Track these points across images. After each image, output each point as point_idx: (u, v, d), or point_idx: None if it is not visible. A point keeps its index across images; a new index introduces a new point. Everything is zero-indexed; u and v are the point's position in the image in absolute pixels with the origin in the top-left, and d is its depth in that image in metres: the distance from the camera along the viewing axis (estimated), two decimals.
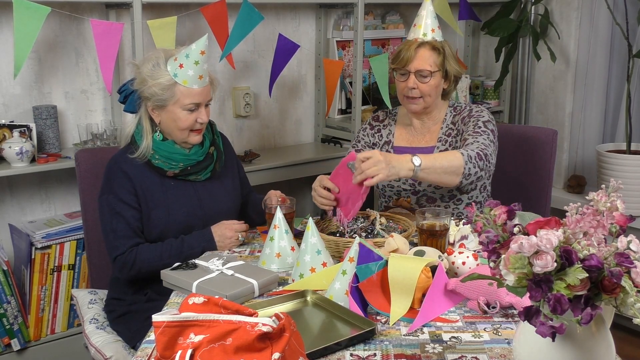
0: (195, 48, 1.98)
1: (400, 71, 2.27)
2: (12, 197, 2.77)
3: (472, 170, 2.05)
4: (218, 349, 1.07)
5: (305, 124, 3.56)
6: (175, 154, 2.05)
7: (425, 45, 2.25)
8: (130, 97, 2.08)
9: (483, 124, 2.22)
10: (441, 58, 2.25)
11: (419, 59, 2.23)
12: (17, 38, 2.31)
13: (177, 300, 1.68)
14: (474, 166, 2.05)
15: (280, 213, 1.86)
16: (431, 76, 2.23)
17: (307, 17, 3.42)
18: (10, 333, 2.59)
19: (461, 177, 2.04)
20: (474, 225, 1.17)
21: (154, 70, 1.99)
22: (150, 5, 2.81)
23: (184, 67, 1.97)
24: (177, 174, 2.07)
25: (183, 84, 1.98)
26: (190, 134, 2.05)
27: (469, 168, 2.04)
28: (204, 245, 2.00)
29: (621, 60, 3.57)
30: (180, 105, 2.00)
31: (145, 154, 2.03)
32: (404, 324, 1.50)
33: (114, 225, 2.00)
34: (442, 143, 2.31)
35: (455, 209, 2.31)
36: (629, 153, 3.36)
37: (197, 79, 1.99)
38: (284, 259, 1.83)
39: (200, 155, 2.09)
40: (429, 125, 2.36)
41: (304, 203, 3.60)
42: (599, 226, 1.08)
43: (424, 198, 2.31)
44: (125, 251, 1.98)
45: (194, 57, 1.97)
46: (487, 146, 2.14)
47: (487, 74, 4.18)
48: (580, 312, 1.02)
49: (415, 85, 2.24)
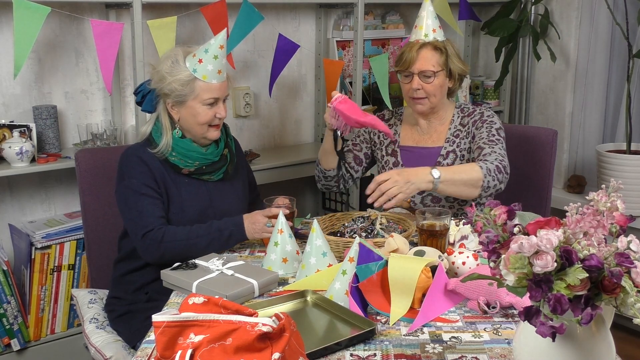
0: (215, 43, 1.99)
1: (404, 73, 2.29)
2: (12, 197, 2.76)
3: (491, 184, 2.07)
4: (218, 349, 1.07)
5: (305, 124, 3.56)
6: (192, 152, 2.06)
7: (427, 46, 2.26)
8: (148, 96, 2.09)
9: (497, 132, 2.24)
10: (444, 57, 2.26)
11: (421, 60, 2.24)
12: (17, 38, 2.32)
13: (177, 300, 1.68)
14: (492, 179, 2.07)
15: (283, 217, 1.86)
16: (435, 76, 2.25)
17: (307, 17, 3.42)
18: (10, 333, 2.59)
19: (480, 189, 2.06)
20: (474, 225, 1.17)
21: (173, 66, 2.01)
22: (150, 5, 2.81)
23: (203, 62, 1.99)
24: (191, 172, 2.08)
25: (202, 79, 2.00)
26: (210, 129, 2.06)
27: (487, 181, 2.06)
28: (232, 229, 1.96)
29: (621, 60, 3.57)
30: (200, 100, 2.01)
31: (164, 151, 2.04)
32: (404, 324, 1.50)
33: (140, 206, 1.97)
34: (449, 144, 2.32)
35: (459, 209, 2.31)
36: (629, 153, 3.35)
37: (216, 73, 2.00)
38: (290, 264, 1.83)
39: (215, 156, 2.11)
40: (435, 125, 2.36)
41: (304, 203, 3.61)
42: (599, 226, 1.08)
43: (429, 198, 2.32)
44: (154, 228, 1.94)
45: (213, 51, 1.99)
46: (504, 157, 2.16)
47: (487, 74, 4.18)
48: (580, 312, 1.02)
49: (420, 86, 2.25)
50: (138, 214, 1.97)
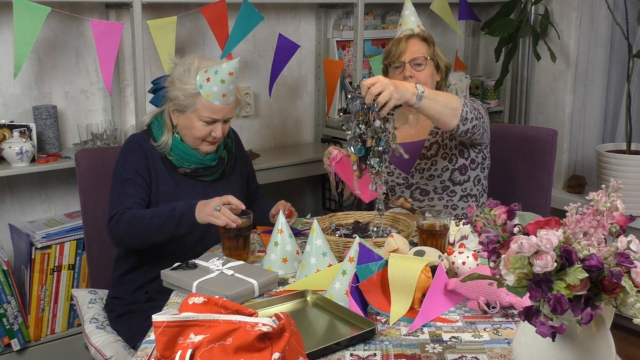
0: (226, 67, 2.00)
1: (395, 64, 2.32)
2: (12, 197, 2.77)
3: (469, 115, 2.08)
4: (218, 349, 1.07)
5: (305, 124, 3.56)
6: (190, 156, 2.08)
7: (415, 36, 2.33)
8: (160, 91, 2.12)
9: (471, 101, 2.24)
10: (432, 49, 2.33)
11: (411, 49, 2.30)
12: (17, 38, 2.32)
13: (177, 300, 1.68)
14: (470, 112, 2.09)
15: (283, 217, 1.86)
16: (425, 64, 2.29)
17: (307, 17, 3.43)
18: (10, 333, 2.59)
19: (459, 119, 2.06)
20: (474, 225, 1.17)
21: (184, 75, 2.03)
22: (150, 5, 2.81)
23: (210, 81, 2.00)
24: (187, 173, 2.11)
25: (205, 97, 2.01)
26: (203, 143, 2.08)
27: (466, 112, 2.07)
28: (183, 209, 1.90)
29: (621, 60, 3.57)
30: (198, 115, 2.03)
31: (163, 149, 2.07)
32: (404, 324, 1.50)
33: (122, 190, 2.01)
34: (432, 136, 2.34)
35: (449, 201, 2.31)
36: (629, 153, 3.35)
37: (220, 96, 2.02)
38: (290, 264, 1.83)
39: (213, 160, 2.13)
40: (422, 120, 2.39)
41: (304, 203, 3.61)
42: (599, 226, 1.08)
43: (418, 191, 2.33)
44: (125, 211, 1.96)
45: (221, 75, 2.00)
46: (479, 107, 2.18)
47: (487, 74, 4.18)
48: (580, 312, 1.02)
49: (412, 74, 2.28)
50: (118, 196, 2.01)
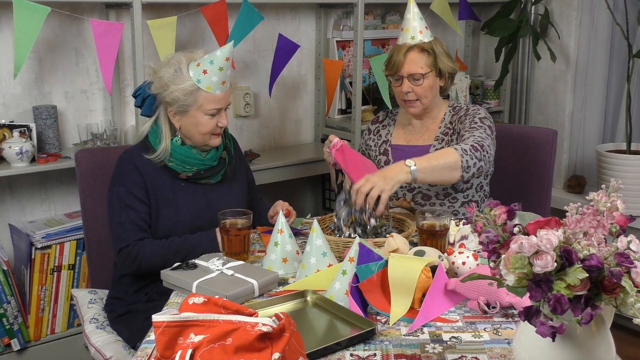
0: (220, 55, 1.98)
1: (394, 77, 2.31)
2: (12, 197, 2.76)
3: (470, 162, 2.05)
4: (218, 349, 1.07)
5: (305, 124, 3.56)
6: (191, 158, 2.06)
7: (413, 48, 2.27)
8: (148, 100, 2.08)
9: (479, 120, 2.24)
10: (432, 58, 2.28)
11: (409, 63, 2.26)
12: (17, 38, 2.31)
13: (177, 300, 1.68)
14: (471, 158, 2.05)
15: (283, 217, 1.86)
16: (424, 78, 2.26)
17: (307, 17, 3.42)
18: (10, 333, 2.59)
19: (461, 171, 2.04)
20: (474, 225, 1.17)
21: (176, 75, 1.99)
22: (150, 5, 2.81)
23: (207, 73, 1.98)
24: (189, 176, 2.08)
25: (206, 90, 1.99)
26: (211, 137, 2.07)
27: (466, 160, 2.04)
28: (205, 245, 1.98)
29: (621, 60, 3.57)
30: (203, 110, 2.01)
31: (162, 157, 2.04)
32: (404, 324, 1.50)
33: (123, 218, 2.00)
34: (438, 142, 2.33)
35: (450, 207, 2.31)
36: (629, 153, 3.36)
37: (220, 84, 2.00)
38: (290, 264, 1.83)
39: (214, 160, 2.11)
40: (427, 124, 2.38)
41: (304, 203, 3.61)
42: (599, 226, 1.08)
43: (419, 195, 2.32)
44: (130, 244, 1.97)
45: (218, 63, 1.98)
46: (484, 139, 2.14)
47: (487, 74, 4.18)
48: (580, 312, 1.02)
49: (410, 89, 2.27)
50: (119, 225, 2.00)
